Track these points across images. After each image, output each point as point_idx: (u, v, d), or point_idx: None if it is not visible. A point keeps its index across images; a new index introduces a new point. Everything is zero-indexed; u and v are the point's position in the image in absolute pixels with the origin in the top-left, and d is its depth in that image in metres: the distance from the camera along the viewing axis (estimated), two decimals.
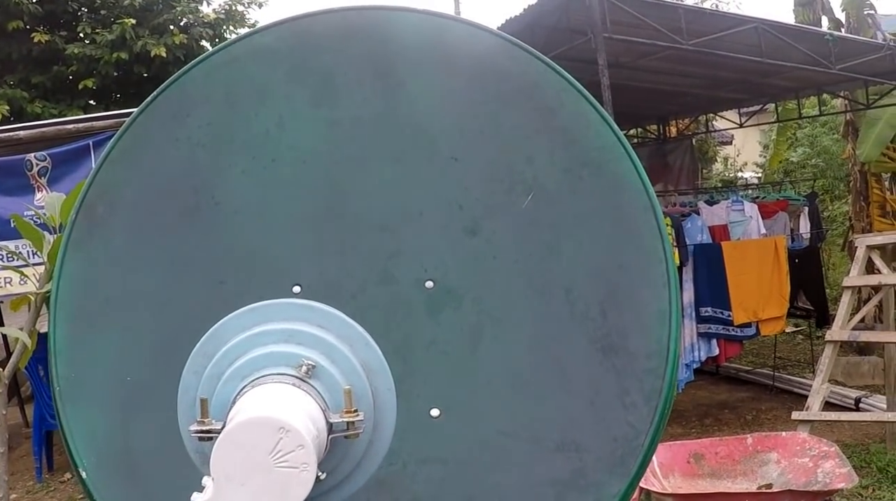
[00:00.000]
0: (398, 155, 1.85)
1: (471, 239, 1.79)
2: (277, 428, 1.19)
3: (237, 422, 1.21)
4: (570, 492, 1.62)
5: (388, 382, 1.42)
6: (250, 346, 1.41)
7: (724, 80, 10.80)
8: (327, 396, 1.34)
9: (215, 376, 1.39)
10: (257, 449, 1.19)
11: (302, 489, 1.19)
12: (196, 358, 1.45)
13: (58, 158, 8.29)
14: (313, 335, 1.41)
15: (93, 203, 1.89)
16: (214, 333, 1.45)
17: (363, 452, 1.37)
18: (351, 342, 1.43)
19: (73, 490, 9.10)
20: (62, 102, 14.30)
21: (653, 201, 1.80)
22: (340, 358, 1.39)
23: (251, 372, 1.37)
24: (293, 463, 1.19)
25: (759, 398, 10.27)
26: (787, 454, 5.26)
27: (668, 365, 1.68)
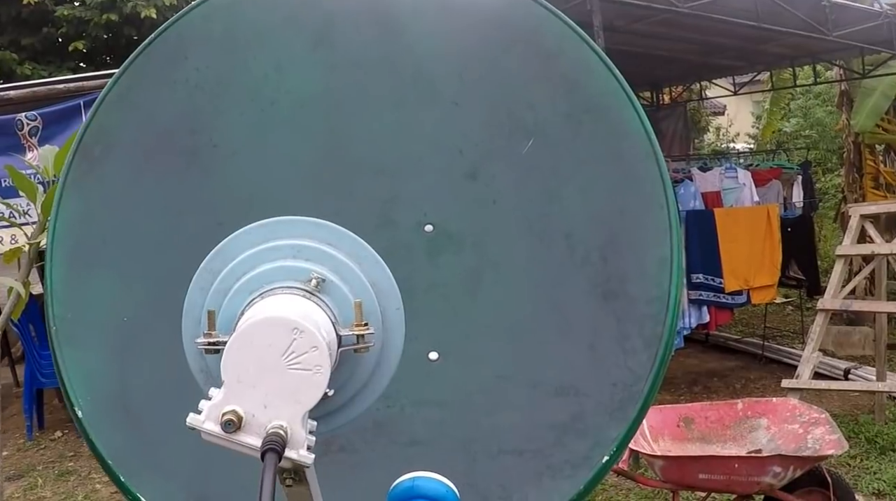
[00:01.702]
0: (398, 99, 1.83)
1: (471, 183, 1.77)
2: (291, 329, 1.17)
3: (251, 322, 1.19)
4: (569, 435, 1.62)
5: (396, 302, 1.40)
6: (258, 262, 1.39)
7: (719, 46, 10.73)
8: (336, 311, 1.33)
9: (222, 291, 1.38)
10: (270, 350, 1.17)
11: (315, 391, 1.17)
12: (202, 274, 1.44)
13: (49, 118, 8.24)
14: (322, 251, 1.40)
15: (90, 145, 1.87)
16: (221, 250, 1.44)
17: (371, 372, 1.36)
18: (360, 260, 1.42)
19: (64, 448, 9.13)
20: (52, 64, 14.18)
21: (654, 147, 1.78)
22: (350, 275, 1.38)
23: (259, 286, 1.35)
24: (306, 365, 1.17)
25: (749, 367, 10.32)
26: (777, 420, 5.26)
27: (668, 312, 1.67)
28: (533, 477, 1.60)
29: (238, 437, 1.12)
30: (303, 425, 1.15)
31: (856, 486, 6.14)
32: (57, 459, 8.82)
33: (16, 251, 3.73)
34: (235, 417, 1.12)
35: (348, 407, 1.37)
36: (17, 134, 8.13)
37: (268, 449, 1.06)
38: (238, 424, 1.12)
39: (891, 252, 7.41)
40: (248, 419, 1.13)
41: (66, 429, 9.78)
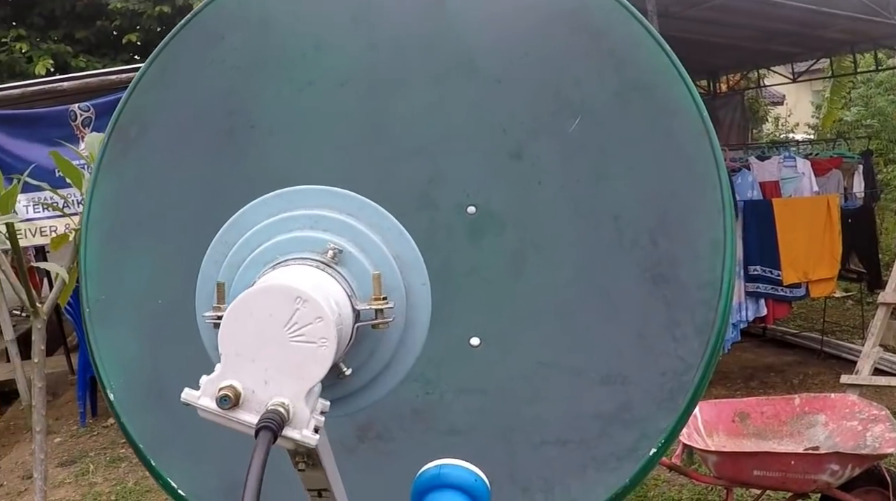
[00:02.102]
0: (439, 77, 1.77)
1: (515, 163, 1.71)
2: (293, 298, 1.09)
3: (249, 291, 1.11)
4: (614, 426, 1.54)
5: (422, 277, 1.33)
6: (273, 232, 1.33)
7: (776, 31, 10.52)
8: (355, 285, 1.25)
9: (235, 264, 1.32)
10: (270, 321, 1.09)
11: (320, 366, 1.09)
12: (216, 246, 1.39)
13: (101, 108, 8.32)
14: (342, 221, 1.33)
15: (125, 126, 1.84)
16: (236, 221, 1.38)
17: (393, 351, 1.29)
18: (382, 232, 1.35)
19: (116, 435, 9.22)
20: (106, 57, 14.35)
21: (707, 126, 1.70)
22: (371, 247, 1.31)
23: (273, 258, 1.28)
24: (310, 338, 1.09)
25: (807, 362, 10.09)
26: (835, 416, 5.11)
27: (721, 297, 1.58)
28: (576, 469, 1.53)
29: (235, 414, 1.05)
30: (307, 403, 1.07)
31: None
32: (109, 446, 8.92)
33: (63, 238, 3.75)
34: (232, 393, 1.04)
35: (370, 388, 1.29)
36: (71, 124, 8.22)
37: (262, 427, 0.98)
38: (235, 400, 1.04)
39: None
40: (248, 395, 1.06)
41: None
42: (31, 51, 13.68)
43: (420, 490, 1.00)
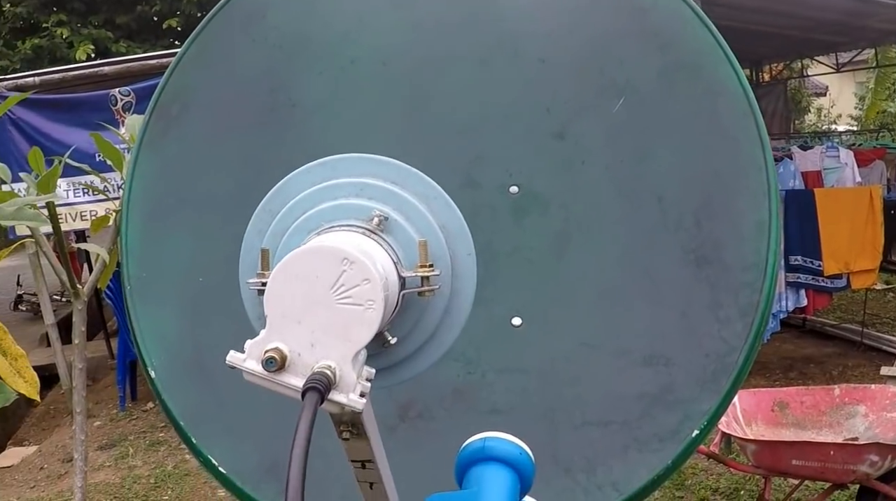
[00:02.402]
0: (482, 57, 1.76)
1: (558, 143, 1.69)
2: (341, 260, 1.07)
3: (296, 252, 1.10)
4: (657, 407, 1.53)
5: (468, 246, 1.33)
6: (318, 200, 1.33)
7: (820, 20, 10.39)
8: (401, 253, 1.25)
9: (279, 232, 1.32)
10: (317, 283, 1.07)
11: (366, 329, 1.08)
12: (260, 215, 1.39)
13: (141, 93, 8.39)
14: (387, 190, 1.33)
15: (166, 104, 1.85)
16: (280, 189, 1.38)
17: (438, 322, 1.28)
18: (428, 201, 1.34)
19: (155, 419, 9.32)
20: (146, 42, 14.48)
21: (753, 108, 1.68)
22: (416, 216, 1.30)
23: (318, 225, 1.28)
24: (357, 300, 1.08)
25: (846, 354, 9.99)
26: (875, 407, 5.06)
27: (765, 279, 1.56)
28: (619, 450, 1.53)
29: (281, 377, 1.04)
30: (354, 367, 1.06)
31: None
32: (148, 429, 9.02)
33: (103, 220, 3.79)
34: (278, 355, 1.04)
35: (413, 360, 1.29)
36: (112, 109, 8.28)
37: (309, 388, 0.97)
38: (281, 363, 1.03)
39: None
40: (293, 358, 1.05)
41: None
42: (72, 36, 13.81)
43: (464, 464, 0.99)
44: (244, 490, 1.67)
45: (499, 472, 0.95)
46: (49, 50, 13.81)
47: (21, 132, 8.46)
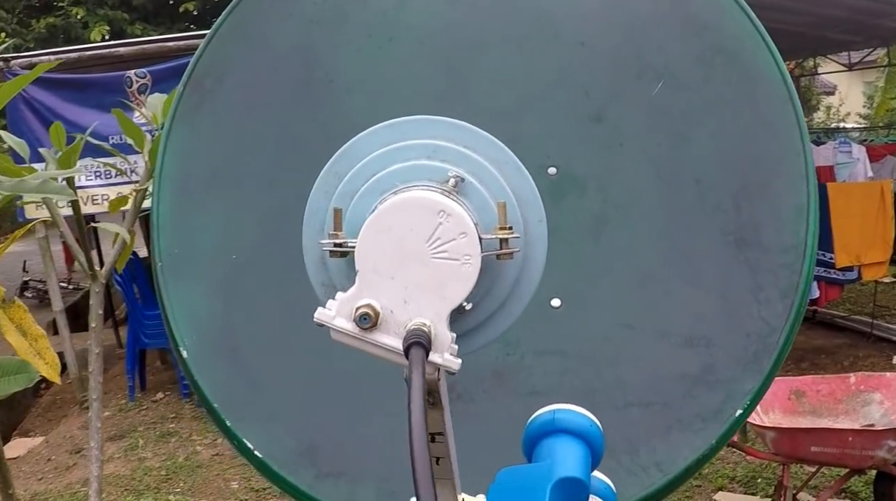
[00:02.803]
0: (520, 38, 1.75)
1: (596, 125, 1.69)
2: (437, 211, 1.05)
3: (390, 203, 1.07)
4: (699, 388, 1.54)
5: (539, 213, 1.32)
6: (389, 161, 1.31)
7: (833, 19, 10.38)
8: (476, 216, 1.23)
9: (347, 194, 1.31)
10: (412, 236, 1.05)
11: (462, 285, 1.05)
12: (326, 177, 1.38)
13: (158, 76, 8.36)
14: (459, 152, 1.32)
15: (201, 77, 1.83)
16: (346, 151, 1.38)
17: (510, 288, 1.28)
18: (499, 165, 1.34)
19: (165, 410, 9.32)
20: (162, 25, 14.46)
21: (791, 93, 1.68)
22: (490, 180, 1.30)
23: (391, 186, 1.26)
24: (453, 254, 1.05)
25: (857, 345, 10.03)
26: (890, 394, 5.11)
27: (805, 261, 1.57)
28: (661, 431, 1.53)
29: (373, 336, 1.01)
30: (447, 326, 1.03)
31: None
32: (158, 420, 9.02)
33: (122, 200, 3.78)
34: (372, 311, 1.00)
35: (484, 327, 1.28)
36: (126, 91, 8.25)
37: (413, 343, 0.94)
38: (374, 320, 1.00)
39: None
40: (386, 315, 1.02)
41: (168, 391, 9.99)
42: (88, 16, 13.77)
43: (533, 437, 0.98)
44: (281, 475, 1.67)
45: (570, 444, 0.94)
46: (63, 30, 13.79)
47: (34, 111, 8.43)
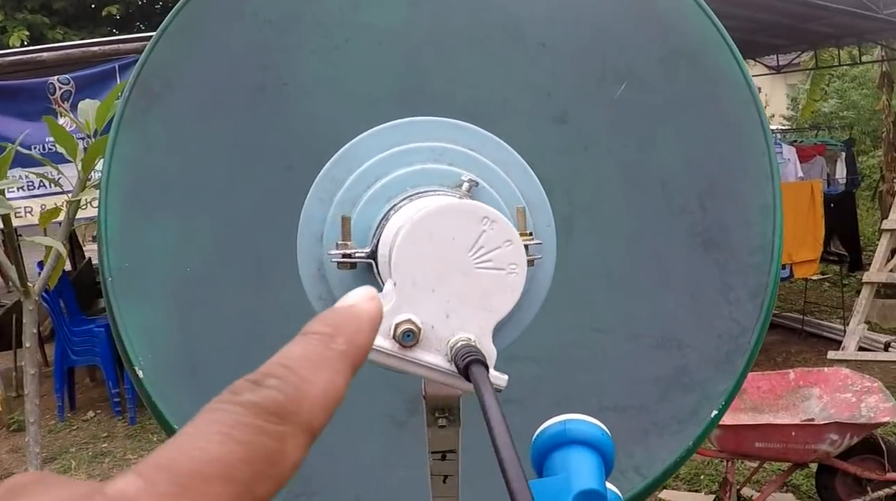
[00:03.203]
0: (482, 39, 1.73)
1: (560, 127, 1.67)
2: (480, 218, 0.96)
3: (428, 211, 0.98)
4: (673, 390, 1.53)
5: (547, 218, 1.29)
6: (393, 166, 1.25)
7: (765, 23, 10.58)
8: None
9: (348, 201, 1.25)
10: (453, 245, 0.96)
11: (509, 296, 0.97)
12: (322, 183, 1.32)
13: (82, 82, 8.13)
14: (467, 155, 1.27)
15: (149, 79, 1.76)
16: (344, 155, 1.32)
17: (520, 297, 1.24)
18: (507, 167, 1.30)
19: (97, 429, 9.13)
20: (84, 29, 14.13)
21: (754, 94, 1.69)
22: (500, 184, 1.26)
23: (399, 191, 1.21)
24: (498, 264, 0.97)
25: (788, 341, 10.24)
26: (829, 389, 5.23)
27: (773, 261, 1.58)
28: (638, 435, 1.52)
29: (415, 354, 0.92)
30: (492, 340, 0.96)
31: None
32: (90, 440, 8.82)
33: (53, 212, 3.66)
34: (415, 327, 0.92)
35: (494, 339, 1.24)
36: (49, 98, 8.04)
37: (471, 361, 0.86)
38: (417, 337, 0.92)
39: None
40: (426, 331, 0.93)
41: (99, 409, 9.79)
42: (6, 20, 13.43)
43: (543, 449, 0.95)
44: None
45: (584, 455, 0.92)
46: None
47: None
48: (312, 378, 0.46)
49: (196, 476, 0.39)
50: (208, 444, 0.41)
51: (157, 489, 0.38)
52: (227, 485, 0.39)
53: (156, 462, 0.39)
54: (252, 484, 0.41)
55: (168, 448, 0.40)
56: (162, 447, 0.41)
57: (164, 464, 0.39)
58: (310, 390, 0.46)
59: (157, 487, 0.38)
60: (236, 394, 0.45)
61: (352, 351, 0.50)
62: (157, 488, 0.38)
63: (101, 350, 9.53)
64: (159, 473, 0.39)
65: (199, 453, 0.40)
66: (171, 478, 0.38)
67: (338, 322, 0.52)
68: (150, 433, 8.97)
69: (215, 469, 0.39)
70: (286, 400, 0.44)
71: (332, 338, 0.50)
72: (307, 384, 0.46)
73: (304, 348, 0.49)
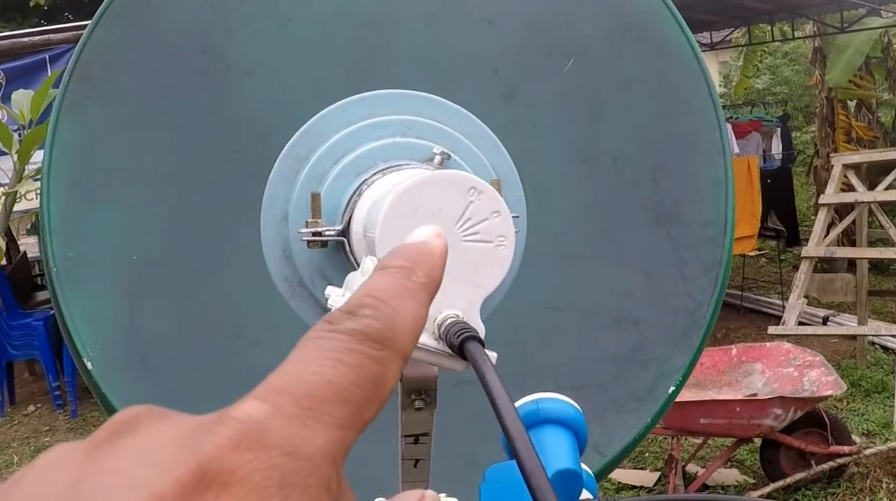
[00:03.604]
0: (427, 16, 1.70)
1: (508, 104, 1.65)
2: (467, 189, 0.91)
3: (413, 182, 0.92)
4: (630, 367, 1.52)
5: (517, 191, 1.27)
6: (360, 140, 1.22)
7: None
8: None
9: (315, 178, 1.21)
10: (439, 218, 0.91)
11: (498, 269, 0.93)
12: (285, 161, 1.28)
13: (12, 73, 7.94)
14: (437, 128, 1.24)
15: (89, 63, 1.70)
16: (308, 130, 1.28)
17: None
18: (476, 141, 1.27)
19: (38, 423, 8.98)
20: (12, 21, 13.82)
21: (703, 67, 1.68)
22: (471, 157, 1.23)
23: (370, 166, 1.17)
24: (486, 236, 0.92)
25: (727, 317, 10.37)
26: (771, 364, 5.29)
27: (726, 234, 1.58)
28: (596, 412, 1.50)
29: None
30: (479, 316, 0.91)
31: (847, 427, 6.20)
32: (32, 434, 8.68)
33: None
34: None
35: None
36: None
37: (466, 337, 0.80)
38: None
39: (873, 199, 7.42)
40: None
41: (40, 403, 9.63)
42: None
43: None
44: None
45: (559, 434, 0.90)
46: None
47: None
48: (401, 308, 0.49)
49: (315, 399, 0.41)
50: (322, 368, 0.43)
51: (283, 411, 0.40)
52: (343, 407, 0.42)
53: (276, 386, 0.42)
54: (362, 406, 0.43)
55: (283, 374, 0.43)
56: (276, 373, 0.43)
57: (286, 388, 0.41)
58: (401, 319, 0.48)
59: (282, 409, 0.40)
60: (336, 323, 0.46)
61: (429, 283, 0.54)
62: (283, 410, 0.40)
63: (39, 343, 9.42)
64: (282, 396, 0.41)
65: (315, 377, 0.42)
66: (294, 400, 0.41)
67: (415, 257, 0.55)
68: (92, 425, 8.85)
69: (332, 392, 0.42)
70: (385, 328, 0.47)
71: (412, 271, 0.53)
72: (398, 313, 0.48)
73: (389, 280, 0.51)
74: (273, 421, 0.40)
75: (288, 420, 0.40)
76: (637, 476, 6.06)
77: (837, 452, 5.14)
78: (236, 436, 0.39)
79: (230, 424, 0.39)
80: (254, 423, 0.39)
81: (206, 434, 0.39)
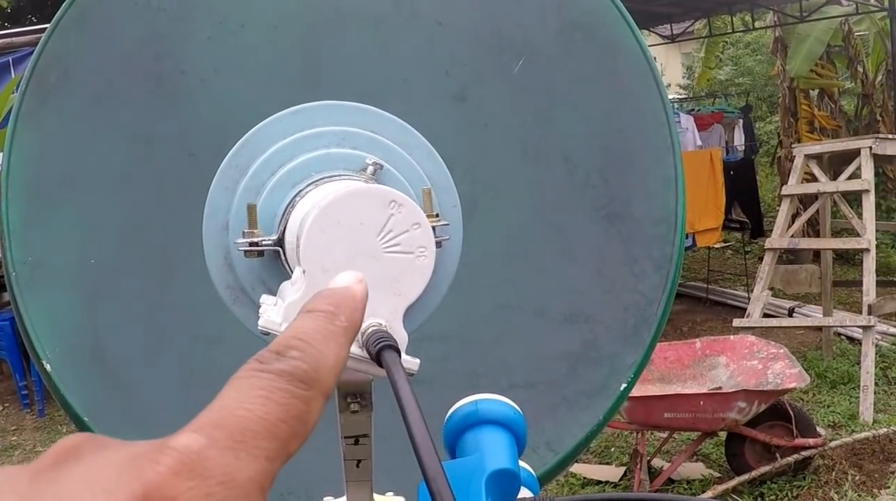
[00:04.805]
0: (377, 19, 1.71)
1: (459, 105, 1.67)
2: (388, 202, 0.95)
3: (336, 197, 0.95)
4: (582, 365, 1.54)
5: (453, 198, 1.28)
6: (296, 151, 1.24)
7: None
8: None
9: (253, 189, 1.23)
10: (361, 230, 0.94)
11: (419, 280, 0.97)
12: (226, 172, 1.30)
13: None
14: (370, 138, 1.26)
15: (44, 71, 1.70)
16: (247, 142, 1.30)
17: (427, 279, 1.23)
18: (411, 149, 1.29)
19: (5, 422, 8.99)
20: None
21: (651, 65, 1.70)
22: (405, 166, 1.25)
23: (305, 177, 1.19)
24: (407, 247, 0.96)
25: (693, 310, 10.47)
26: (735, 357, 5.32)
27: (676, 232, 1.60)
28: (548, 410, 1.52)
29: None
30: (402, 324, 0.96)
31: (812, 419, 6.25)
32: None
33: None
34: None
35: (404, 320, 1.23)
36: None
37: (383, 347, 0.84)
38: None
39: (836, 190, 7.49)
40: None
41: (7, 403, 9.58)
42: None
43: (455, 430, 0.94)
44: None
45: (497, 434, 0.91)
46: None
47: None
48: (325, 350, 0.53)
49: (247, 433, 0.45)
50: (254, 405, 0.46)
51: (218, 443, 0.44)
52: (272, 441, 0.46)
53: (211, 421, 0.45)
54: (288, 441, 0.47)
55: (217, 410, 0.46)
56: (210, 408, 0.47)
57: (220, 423, 0.45)
58: (325, 361, 0.52)
59: (218, 442, 0.44)
60: (266, 363, 0.50)
61: (350, 328, 0.58)
62: (219, 443, 0.44)
63: (6, 343, 9.40)
64: (217, 430, 0.44)
65: (247, 413, 0.46)
66: (228, 434, 0.44)
67: (338, 301, 0.60)
68: (59, 424, 8.84)
69: (262, 427, 0.46)
70: (311, 369, 0.51)
71: (335, 316, 0.57)
72: (322, 356, 0.52)
73: (315, 324, 0.56)
74: (209, 452, 0.43)
75: (222, 452, 0.43)
76: (602, 472, 6.08)
77: (802, 445, 5.18)
78: (176, 466, 0.42)
79: (170, 454, 0.43)
80: (192, 453, 0.43)
81: (149, 463, 0.43)
